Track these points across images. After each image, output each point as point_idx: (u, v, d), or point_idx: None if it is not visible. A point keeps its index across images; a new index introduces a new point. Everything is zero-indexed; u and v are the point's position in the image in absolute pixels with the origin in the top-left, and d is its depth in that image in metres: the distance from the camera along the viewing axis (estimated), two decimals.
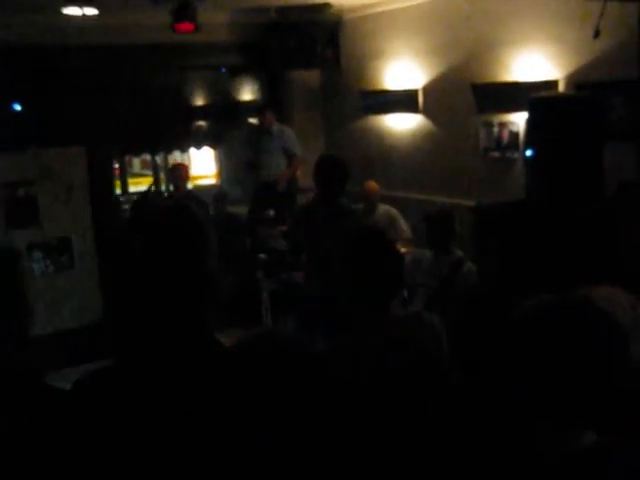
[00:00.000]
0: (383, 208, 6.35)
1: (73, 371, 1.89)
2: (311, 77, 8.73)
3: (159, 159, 9.61)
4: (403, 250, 5.55)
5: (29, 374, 1.86)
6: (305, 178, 8.63)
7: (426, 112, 7.08)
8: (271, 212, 6.89)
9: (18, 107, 7.50)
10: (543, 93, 5.22)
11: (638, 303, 2.07)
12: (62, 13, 6.08)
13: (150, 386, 1.57)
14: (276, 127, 7.71)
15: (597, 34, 4.55)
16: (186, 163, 8.52)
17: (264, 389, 1.30)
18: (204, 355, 1.62)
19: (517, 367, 1.46)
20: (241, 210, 8.01)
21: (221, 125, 9.21)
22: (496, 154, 6.21)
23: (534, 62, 5.69)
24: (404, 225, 6.27)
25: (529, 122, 4.99)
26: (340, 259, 2.37)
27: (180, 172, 6.97)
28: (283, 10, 7.74)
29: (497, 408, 1.61)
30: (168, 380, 1.56)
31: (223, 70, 8.93)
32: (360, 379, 1.93)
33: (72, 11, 6.08)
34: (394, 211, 6.35)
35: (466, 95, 6.33)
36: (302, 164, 7.65)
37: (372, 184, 6.35)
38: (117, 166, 9.33)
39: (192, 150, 9.64)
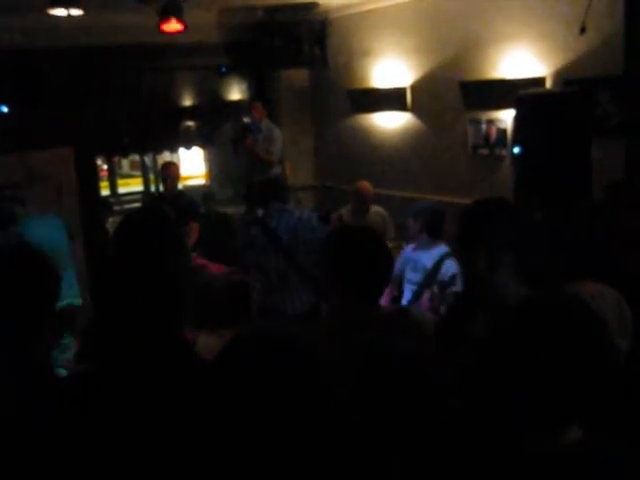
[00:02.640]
0: (374, 209, 6.33)
1: None
2: (299, 76, 8.73)
3: (148, 160, 9.58)
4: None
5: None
6: (294, 177, 8.65)
7: (414, 110, 7.09)
8: (260, 212, 6.87)
9: (4, 109, 7.45)
10: (530, 90, 5.23)
11: (622, 299, 2.09)
12: (48, 14, 6.04)
13: (119, 390, 1.56)
14: (266, 125, 7.70)
15: (583, 30, 4.57)
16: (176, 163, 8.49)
17: (255, 389, 1.28)
18: (171, 357, 1.61)
19: (504, 364, 1.46)
20: (232, 211, 8.01)
21: (210, 125, 9.19)
22: (484, 151, 6.23)
23: (521, 59, 5.70)
24: (392, 231, 6.24)
25: (517, 119, 5.00)
26: (330, 257, 2.39)
27: (170, 171, 6.93)
28: (270, 10, 7.73)
29: (484, 405, 1.62)
30: (136, 384, 1.55)
31: (223, 69, 8.86)
32: (345, 378, 1.92)
33: (58, 12, 6.04)
34: (385, 214, 6.33)
35: (454, 93, 6.34)
36: (278, 163, 7.73)
37: (366, 185, 6.30)
38: (106, 167, 9.30)
39: (181, 150, 9.63)
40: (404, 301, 4.85)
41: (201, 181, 9.98)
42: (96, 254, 4.87)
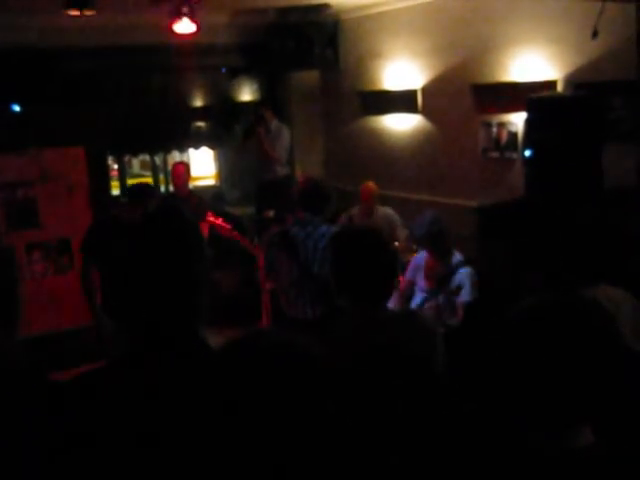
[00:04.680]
0: (383, 211, 6.31)
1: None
2: (310, 78, 8.74)
3: (158, 160, 9.61)
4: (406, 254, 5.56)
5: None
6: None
7: (425, 112, 7.08)
8: (271, 213, 6.91)
9: (17, 108, 7.49)
10: (542, 93, 5.23)
11: (638, 303, 2.09)
12: (61, 14, 6.07)
13: (135, 389, 1.56)
14: (275, 125, 7.73)
15: (595, 34, 4.56)
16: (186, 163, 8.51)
17: (253, 391, 1.27)
18: (191, 357, 1.61)
19: (515, 366, 1.46)
20: (241, 211, 8.02)
21: (220, 126, 9.22)
22: (495, 154, 6.22)
23: (533, 62, 5.69)
24: (401, 232, 6.22)
25: (528, 122, 5.00)
26: (332, 258, 2.39)
27: (181, 171, 6.94)
28: (282, 11, 7.75)
29: (492, 408, 1.61)
30: (154, 384, 1.55)
31: (223, 70, 8.93)
32: (344, 381, 1.92)
33: (71, 12, 6.06)
34: (394, 216, 6.31)
35: (465, 95, 6.34)
36: (281, 163, 7.77)
37: (370, 185, 6.30)
38: (116, 167, 9.33)
39: (191, 151, 9.64)
40: (412, 305, 4.85)
41: (211, 182, 9.99)
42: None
